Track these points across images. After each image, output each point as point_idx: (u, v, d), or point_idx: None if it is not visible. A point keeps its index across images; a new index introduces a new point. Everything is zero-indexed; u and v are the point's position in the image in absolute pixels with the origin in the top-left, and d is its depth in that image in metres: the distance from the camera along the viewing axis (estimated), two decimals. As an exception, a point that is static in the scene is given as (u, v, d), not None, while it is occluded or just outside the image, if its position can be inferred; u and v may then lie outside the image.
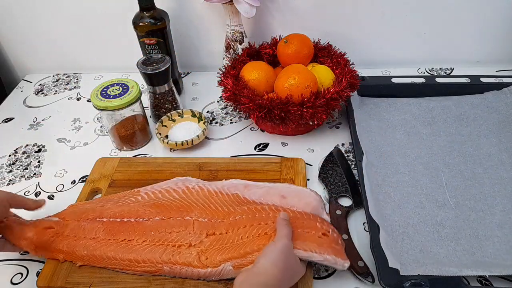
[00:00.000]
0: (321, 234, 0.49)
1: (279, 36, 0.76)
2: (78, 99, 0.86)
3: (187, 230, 0.53)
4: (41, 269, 0.53)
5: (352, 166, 0.65)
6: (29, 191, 0.66)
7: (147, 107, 0.76)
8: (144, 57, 0.71)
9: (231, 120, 0.77)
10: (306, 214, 0.53)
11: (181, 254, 0.51)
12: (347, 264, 0.48)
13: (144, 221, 0.55)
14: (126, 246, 0.53)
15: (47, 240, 0.54)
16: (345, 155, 0.67)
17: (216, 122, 0.77)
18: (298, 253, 0.47)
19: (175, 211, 0.56)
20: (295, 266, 0.46)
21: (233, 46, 0.79)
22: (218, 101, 0.82)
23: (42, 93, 0.89)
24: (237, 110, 0.69)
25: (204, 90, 0.85)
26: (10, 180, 0.68)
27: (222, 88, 0.69)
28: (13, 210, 0.54)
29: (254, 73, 0.68)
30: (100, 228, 0.55)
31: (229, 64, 0.73)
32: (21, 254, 0.56)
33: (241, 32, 0.78)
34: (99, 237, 0.54)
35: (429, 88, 0.75)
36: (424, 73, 0.86)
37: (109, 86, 0.67)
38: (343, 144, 0.70)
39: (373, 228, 0.52)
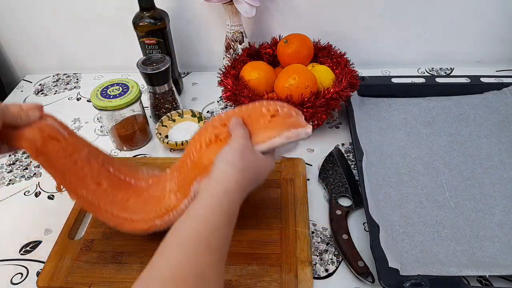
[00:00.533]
0: (270, 118, 0.47)
1: (279, 36, 0.76)
2: (78, 99, 0.86)
3: (166, 182, 0.52)
4: (41, 269, 0.53)
5: (352, 166, 0.65)
6: (29, 191, 0.66)
7: (147, 107, 0.76)
8: (144, 57, 0.71)
9: (231, 120, 0.77)
10: (250, 105, 0.50)
11: (164, 203, 0.50)
12: (309, 129, 0.46)
13: (141, 184, 0.54)
14: (124, 204, 0.52)
15: (50, 152, 0.49)
16: (345, 155, 0.67)
17: (216, 122, 0.77)
18: (258, 147, 0.46)
19: (163, 176, 0.54)
20: (257, 162, 0.44)
21: (233, 46, 0.79)
22: (218, 101, 0.82)
23: (42, 93, 0.89)
24: (237, 110, 0.69)
25: (204, 90, 0.85)
26: (10, 180, 0.68)
27: (222, 88, 0.69)
28: None
29: (254, 73, 0.68)
30: (106, 176, 0.53)
31: (229, 64, 0.73)
32: (21, 254, 0.56)
33: (241, 32, 0.78)
34: (103, 186, 0.52)
35: (429, 88, 0.75)
36: (424, 73, 0.86)
37: (109, 86, 0.67)
38: (343, 144, 0.70)
39: (373, 228, 0.52)
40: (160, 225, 0.50)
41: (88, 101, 0.85)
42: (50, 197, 0.64)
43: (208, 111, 0.80)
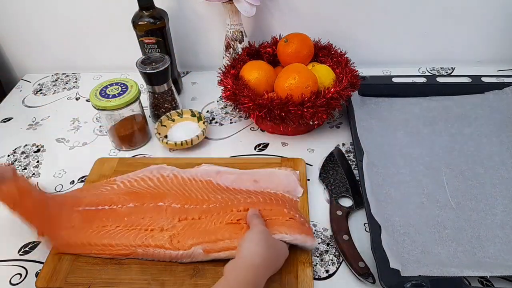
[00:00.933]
0: (288, 218, 0.52)
1: (279, 36, 0.76)
2: (77, 99, 0.86)
3: (160, 215, 0.56)
4: (40, 270, 0.53)
5: (353, 166, 0.65)
6: (28, 191, 0.65)
7: (146, 107, 0.75)
8: (144, 57, 0.71)
9: (231, 120, 0.77)
10: (275, 200, 0.56)
11: (154, 237, 0.53)
12: (316, 243, 0.51)
13: (118, 208, 0.57)
14: (100, 232, 0.55)
15: (27, 205, 0.53)
16: (346, 155, 0.67)
17: (216, 122, 0.77)
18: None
19: (148, 198, 0.58)
20: (277, 244, 0.49)
21: (233, 45, 0.78)
22: (217, 101, 0.82)
23: (41, 93, 0.88)
24: (237, 110, 0.69)
25: (203, 90, 0.85)
26: (8, 180, 0.68)
27: (222, 87, 0.69)
28: None
29: (254, 72, 0.68)
30: (76, 217, 0.56)
31: (229, 63, 0.73)
32: (20, 254, 0.56)
33: (241, 32, 0.77)
34: (76, 226, 0.56)
35: (430, 87, 0.75)
36: (425, 72, 0.86)
37: (108, 86, 0.67)
38: (343, 144, 0.70)
39: (373, 228, 0.52)
40: (141, 254, 0.52)
41: (87, 101, 0.85)
42: (49, 197, 0.64)
43: (207, 111, 0.79)
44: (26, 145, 0.74)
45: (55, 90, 0.89)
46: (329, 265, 0.52)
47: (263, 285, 0.43)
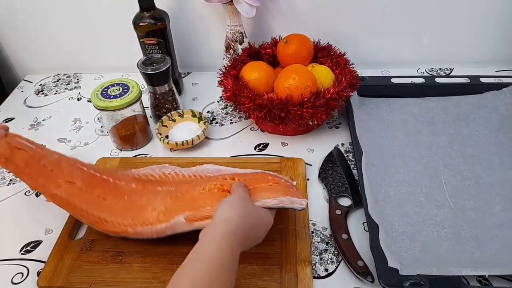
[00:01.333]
0: (272, 183, 0.51)
1: (279, 36, 0.76)
2: (78, 99, 0.86)
3: (155, 197, 0.54)
4: (41, 269, 0.53)
5: (352, 166, 0.65)
6: (29, 191, 0.66)
7: (148, 107, 0.76)
8: (145, 57, 0.71)
9: (231, 120, 0.77)
10: (260, 173, 0.54)
11: (143, 216, 0.52)
12: (304, 201, 0.49)
13: (122, 185, 0.56)
14: (100, 202, 0.54)
15: (18, 161, 0.54)
16: (345, 155, 0.67)
17: (216, 122, 0.77)
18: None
19: (149, 183, 0.57)
20: (258, 212, 0.46)
21: (233, 46, 0.79)
22: (218, 101, 0.82)
23: (43, 93, 0.89)
24: (237, 110, 0.69)
25: (204, 90, 0.86)
26: (10, 180, 0.68)
27: (222, 88, 0.69)
28: None
29: (254, 73, 0.69)
30: (78, 175, 0.55)
31: (229, 64, 0.73)
32: (22, 253, 0.56)
33: (241, 32, 0.78)
34: (76, 184, 0.54)
35: (429, 88, 0.75)
36: (423, 73, 0.86)
37: (110, 86, 0.67)
38: (342, 144, 0.70)
39: (372, 228, 0.52)
40: (131, 233, 0.52)
41: (88, 101, 0.85)
42: (51, 197, 0.64)
43: (208, 111, 0.80)
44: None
45: (56, 91, 0.89)
46: (328, 264, 0.53)
47: (238, 255, 0.41)
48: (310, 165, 0.67)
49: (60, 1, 0.83)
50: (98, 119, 0.80)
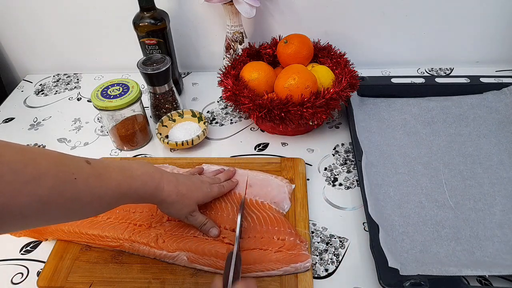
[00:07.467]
0: (278, 249, 0.51)
1: (279, 37, 0.76)
2: (78, 99, 0.86)
3: (150, 212, 0.56)
4: (41, 269, 0.53)
5: (352, 166, 0.65)
6: (29, 191, 0.66)
7: (148, 107, 0.76)
8: (145, 57, 0.71)
9: (231, 120, 0.77)
10: (266, 238, 0.53)
11: (141, 233, 0.54)
12: (308, 263, 0.50)
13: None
14: (91, 222, 0.56)
15: None
16: (345, 155, 0.67)
17: (216, 122, 0.77)
18: (257, 275, 0.50)
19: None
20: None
21: (233, 46, 0.79)
22: (218, 101, 0.82)
23: (43, 93, 0.89)
24: (237, 110, 0.69)
25: (204, 90, 0.86)
26: (10, 180, 0.68)
27: (222, 88, 0.69)
28: None
29: (254, 73, 0.69)
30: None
31: (229, 64, 0.73)
32: (22, 253, 0.56)
33: (241, 33, 0.78)
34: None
35: (429, 88, 0.75)
36: (423, 73, 0.86)
37: (110, 86, 0.67)
38: (342, 144, 0.70)
39: (372, 228, 0.52)
40: (128, 248, 0.54)
41: (88, 101, 0.85)
42: (51, 197, 0.64)
43: (208, 111, 0.80)
44: (28, 145, 0.74)
45: (56, 91, 0.89)
46: (329, 264, 0.53)
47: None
48: (310, 165, 0.66)
49: (60, 1, 0.83)
50: (98, 119, 0.80)
